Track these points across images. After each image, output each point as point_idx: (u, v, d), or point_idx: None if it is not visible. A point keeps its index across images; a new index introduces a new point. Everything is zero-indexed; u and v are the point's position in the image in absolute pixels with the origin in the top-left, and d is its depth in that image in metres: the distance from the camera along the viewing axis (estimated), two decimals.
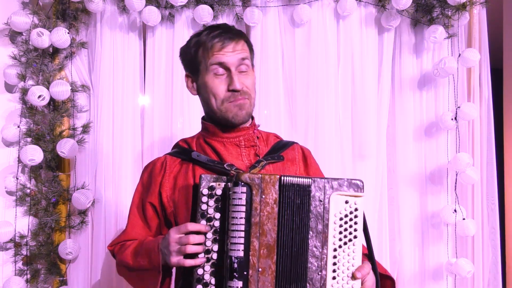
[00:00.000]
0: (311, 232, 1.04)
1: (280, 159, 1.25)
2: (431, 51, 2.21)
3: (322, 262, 1.03)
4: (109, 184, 2.06)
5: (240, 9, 2.13)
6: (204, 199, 1.05)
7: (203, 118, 1.28)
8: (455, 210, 2.07)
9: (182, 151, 1.28)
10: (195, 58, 1.20)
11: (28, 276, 1.96)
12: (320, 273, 1.03)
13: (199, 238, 1.03)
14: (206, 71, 1.18)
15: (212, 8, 2.07)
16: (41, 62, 1.99)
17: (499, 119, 2.41)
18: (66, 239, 1.98)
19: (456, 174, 2.10)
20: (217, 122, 1.22)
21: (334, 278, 1.03)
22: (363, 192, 1.06)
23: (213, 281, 1.03)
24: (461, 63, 2.10)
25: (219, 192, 1.05)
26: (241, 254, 1.00)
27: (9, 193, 2.00)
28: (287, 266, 1.03)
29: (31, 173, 1.99)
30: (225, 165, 1.15)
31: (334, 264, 1.03)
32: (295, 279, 1.03)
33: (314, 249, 1.03)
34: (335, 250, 1.03)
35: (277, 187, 1.02)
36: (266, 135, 1.33)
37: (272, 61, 2.13)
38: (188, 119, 2.09)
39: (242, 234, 1.00)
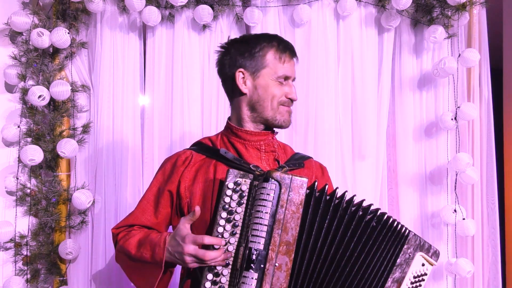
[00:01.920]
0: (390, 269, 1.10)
1: (300, 166, 1.32)
2: (431, 51, 2.21)
3: None
4: (109, 184, 2.06)
5: (240, 9, 2.13)
6: (229, 192, 1.09)
7: (229, 119, 1.34)
8: (455, 210, 2.07)
9: (207, 148, 1.32)
10: (261, 59, 1.28)
11: (28, 276, 1.96)
12: None
13: (217, 254, 1.05)
14: (272, 75, 1.27)
15: (212, 8, 2.07)
16: (41, 62, 1.99)
17: (499, 119, 2.41)
18: (66, 239, 1.98)
19: (456, 174, 2.10)
20: (260, 123, 1.30)
21: None
22: (436, 263, 1.16)
23: (225, 271, 1.06)
24: (461, 63, 2.10)
25: (244, 187, 1.09)
26: (261, 247, 1.03)
27: (9, 193, 2.00)
28: (311, 268, 1.08)
29: (31, 173, 1.99)
30: (251, 165, 1.19)
31: None
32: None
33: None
34: None
35: (304, 190, 1.07)
36: (283, 145, 1.41)
37: None
38: (188, 119, 2.09)
39: (265, 228, 1.04)
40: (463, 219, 2.06)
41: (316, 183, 1.10)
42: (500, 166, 2.27)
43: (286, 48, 1.29)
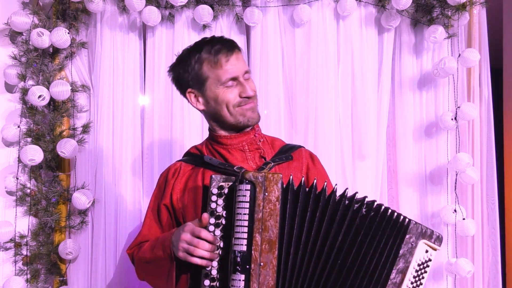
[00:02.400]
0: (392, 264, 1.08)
1: (288, 159, 1.31)
2: (431, 51, 2.21)
3: None
4: (109, 184, 2.06)
5: (240, 9, 2.13)
6: (214, 198, 1.10)
7: (209, 129, 1.36)
8: (455, 210, 2.07)
9: (194, 157, 1.35)
10: (200, 73, 1.26)
11: (28, 276, 1.96)
12: None
13: (208, 247, 1.08)
14: (216, 84, 1.25)
15: (212, 8, 2.07)
16: (41, 62, 1.99)
17: (499, 119, 2.41)
18: (66, 239, 1.98)
19: (456, 174, 2.10)
20: (230, 129, 1.30)
21: None
22: (440, 247, 1.13)
23: (220, 276, 1.08)
24: (461, 63, 2.10)
25: (227, 191, 1.10)
26: (244, 248, 1.04)
27: (9, 193, 2.00)
28: (298, 263, 1.07)
29: (31, 173, 1.99)
30: (235, 168, 1.20)
31: None
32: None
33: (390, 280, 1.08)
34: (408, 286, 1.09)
35: (279, 185, 1.06)
36: (271, 139, 1.39)
37: (272, 61, 2.13)
38: (188, 119, 2.09)
39: (246, 229, 1.05)
40: (463, 219, 2.06)
41: (291, 177, 1.09)
42: (500, 166, 2.27)
43: (219, 50, 1.24)
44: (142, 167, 2.10)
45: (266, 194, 1.06)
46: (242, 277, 1.03)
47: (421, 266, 1.11)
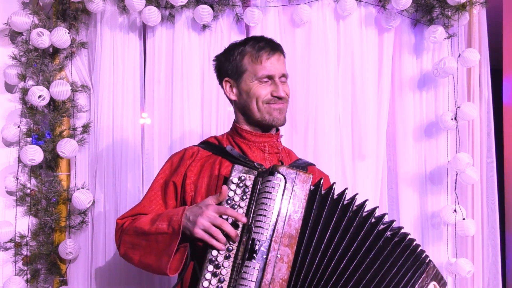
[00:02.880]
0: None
1: (305, 170, 1.31)
2: (431, 51, 2.21)
3: None
4: (109, 184, 2.06)
5: (240, 9, 2.13)
6: (233, 187, 1.10)
7: (234, 122, 1.37)
8: (455, 210, 2.07)
9: (213, 146, 1.36)
10: (240, 65, 1.30)
11: (28, 276, 1.96)
12: None
13: (232, 231, 1.06)
14: (252, 78, 1.28)
15: (212, 8, 2.07)
16: (41, 62, 1.99)
17: (499, 119, 2.41)
18: (66, 239, 1.98)
19: (456, 174, 2.10)
20: (255, 125, 1.32)
21: None
22: None
23: (225, 264, 1.07)
24: (461, 63, 2.10)
25: (248, 183, 1.11)
26: (264, 238, 1.04)
27: (9, 193, 2.00)
28: (315, 264, 1.07)
29: (31, 173, 1.99)
30: (255, 163, 1.20)
31: None
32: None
33: None
34: None
35: (309, 185, 1.08)
36: (288, 150, 1.43)
37: None
38: (188, 119, 2.09)
39: (269, 220, 1.05)
40: (463, 219, 2.06)
41: (322, 180, 1.11)
42: (500, 166, 2.27)
43: (262, 47, 1.28)
44: (142, 167, 2.10)
45: (295, 190, 1.07)
46: (257, 265, 1.03)
47: None
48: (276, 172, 1.07)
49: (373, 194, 2.12)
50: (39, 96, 1.91)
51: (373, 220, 1.11)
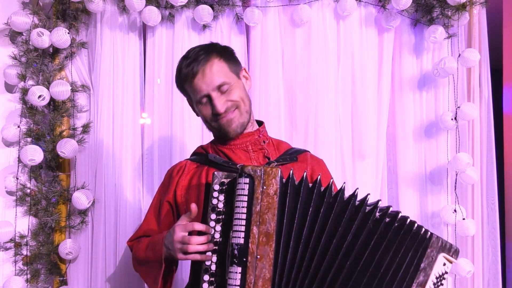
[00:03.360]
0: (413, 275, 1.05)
1: (293, 160, 1.33)
2: (431, 51, 2.21)
3: None
4: (109, 184, 2.06)
5: (240, 9, 2.13)
6: (215, 194, 1.12)
7: None
8: (455, 210, 2.07)
9: (199, 156, 1.39)
10: (183, 88, 1.32)
11: (28, 276, 1.96)
12: None
13: (202, 239, 1.09)
14: (195, 102, 1.31)
15: (212, 8, 2.07)
16: (41, 62, 1.99)
17: (499, 119, 2.41)
18: (66, 239, 1.98)
19: (456, 174, 2.10)
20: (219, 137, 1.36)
21: None
22: (456, 260, 1.13)
23: (219, 271, 1.08)
24: (461, 63, 2.10)
25: (227, 186, 1.11)
26: (242, 241, 1.05)
27: (9, 193, 2.00)
28: (299, 257, 1.06)
29: (31, 173, 1.99)
30: (238, 165, 1.20)
31: None
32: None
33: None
34: None
35: (278, 179, 1.07)
36: (277, 142, 1.41)
37: (272, 61, 2.12)
38: (188, 119, 2.09)
39: (243, 222, 1.05)
40: (463, 219, 2.06)
41: (291, 172, 1.09)
42: (500, 166, 2.27)
43: (184, 72, 1.27)
44: (142, 167, 2.10)
45: (265, 187, 1.07)
46: (239, 269, 1.04)
47: (439, 279, 1.10)
48: (243, 173, 1.08)
49: (373, 194, 2.12)
50: (39, 96, 1.91)
51: (356, 202, 1.07)
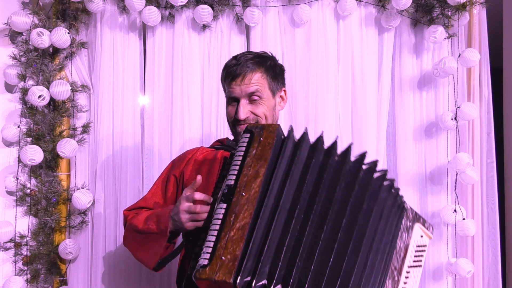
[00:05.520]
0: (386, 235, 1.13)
1: None
2: (431, 51, 2.21)
3: (399, 270, 1.15)
4: (109, 184, 2.06)
5: (240, 9, 2.13)
6: (227, 167, 1.18)
7: None
8: (455, 210, 2.07)
9: (214, 143, 1.49)
10: (223, 83, 1.42)
11: (28, 276, 1.96)
12: (397, 276, 1.14)
13: (207, 208, 1.15)
14: (226, 97, 1.40)
15: (212, 8, 2.07)
16: (41, 62, 1.99)
17: (499, 119, 2.41)
18: (66, 239, 1.98)
19: (456, 174, 2.10)
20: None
21: (405, 283, 1.17)
22: (432, 236, 1.23)
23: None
24: (461, 63, 2.10)
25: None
26: (232, 182, 1.09)
27: (9, 193, 2.00)
28: (283, 195, 1.07)
29: (31, 173, 1.99)
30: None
31: (406, 278, 1.17)
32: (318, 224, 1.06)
33: (397, 257, 1.15)
34: (409, 267, 1.17)
35: (275, 133, 1.12)
36: None
37: None
38: (188, 118, 2.09)
39: (237, 168, 1.10)
40: (463, 219, 2.06)
41: (291, 126, 1.15)
42: (500, 166, 2.27)
43: (227, 72, 1.36)
44: (142, 167, 2.10)
45: (262, 139, 1.11)
46: (224, 206, 1.06)
47: (419, 249, 1.17)
48: (246, 131, 1.15)
49: None
50: (39, 96, 1.91)
51: (336, 157, 1.14)
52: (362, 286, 1.05)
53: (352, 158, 1.16)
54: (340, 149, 1.16)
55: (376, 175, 1.14)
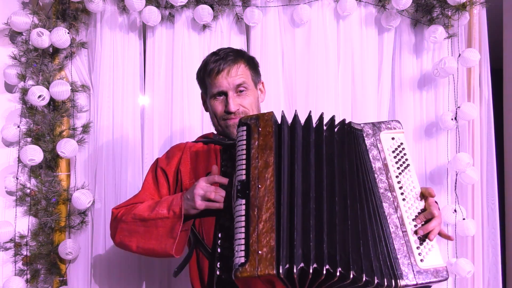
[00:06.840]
0: (374, 166, 1.18)
1: None
2: (431, 51, 2.21)
3: (390, 187, 1.16)
4: (109, 184, 2.06)
5: (240, 9, 2.13)
6: (224, 163, 1.21)
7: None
8: (455, 210, 2.07)
9: (200, 138, 1.48)
10: (203, 81, 1.39)
11: (28, 276, 1.96)
12: (391, 194, 1.16)
13: (223, 192, 1.16)
14: (210, 95, 1.37)
15: (212, 8, 2.07)
16: (41, 62, 1.99)
17: (499, 119, 2.41)
18: (66, 239, 1.98)
19: (456, 174, 2.10)
20: (223, 135, 1.40)
21: (403, 199, 1.16)
22: (403, 129, 1.23)
23: (232, 226, 1.09)
24: (461, 63, 2.10)
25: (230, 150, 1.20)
26: (244, 178, 1.08)
27: (9, 193, 2.00)
28: (299, 182, 1.08)
29: (31, 173, 1.99)
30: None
31: (400, 188, 1.16)
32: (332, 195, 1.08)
33: (380, 178, 1.17)
34: (397, 176, 1.17)
35: (272, 121, 1.13)
36: None
37: (272, 61, 2.13)
38: (188, 118, 2.09)
39: (244, 161, 1.10)
40: (463, 219, 2.06)
41: (282, 112, 1.15)
42: (500, 166, 2.27)
43: (211, 66, 1.34)
44: (142, 167, 2.10)
45: (260, 129, 1.12)
46: (243, 201, 1.06)
47: (397, 152, 1.19)
48: (240, 124, 1.15)
49: None
50: (39, 96, 1.91)
51: (325, 132, 1.16)
52: (377, 236, 1.09)
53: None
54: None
55: (336, 129, 1.18)
